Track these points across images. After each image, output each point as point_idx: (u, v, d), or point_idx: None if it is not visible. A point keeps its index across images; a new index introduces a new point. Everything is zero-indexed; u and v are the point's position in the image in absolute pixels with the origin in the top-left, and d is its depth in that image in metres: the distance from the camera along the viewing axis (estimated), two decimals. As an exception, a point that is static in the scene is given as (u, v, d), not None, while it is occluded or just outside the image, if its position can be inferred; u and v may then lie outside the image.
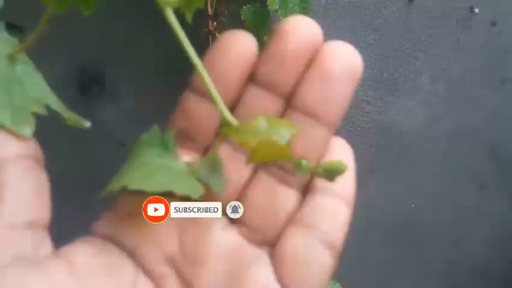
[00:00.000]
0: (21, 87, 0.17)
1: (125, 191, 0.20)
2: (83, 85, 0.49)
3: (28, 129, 0.16)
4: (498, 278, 0.63)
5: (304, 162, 0.19)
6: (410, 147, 0.58)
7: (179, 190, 0.18)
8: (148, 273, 0.19)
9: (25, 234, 0.16)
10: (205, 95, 0.21)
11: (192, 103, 0.21)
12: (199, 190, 0.19)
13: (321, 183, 0.21)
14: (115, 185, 0.18)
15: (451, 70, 0.56)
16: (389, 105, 0.56)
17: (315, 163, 0.21)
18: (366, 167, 0.57)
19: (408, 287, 0.61)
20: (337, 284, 0.43)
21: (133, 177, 0.18)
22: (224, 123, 0.20)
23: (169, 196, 0.20)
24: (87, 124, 0.19)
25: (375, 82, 0.55)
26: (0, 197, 0.16)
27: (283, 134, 0.19)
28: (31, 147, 0.17)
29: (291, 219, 0.21)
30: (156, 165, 0.20)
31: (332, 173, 0.19)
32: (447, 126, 0.58)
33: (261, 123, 0.19)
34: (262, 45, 0.21)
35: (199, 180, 0.20)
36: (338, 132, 0.23)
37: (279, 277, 0.20)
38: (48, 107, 0.17)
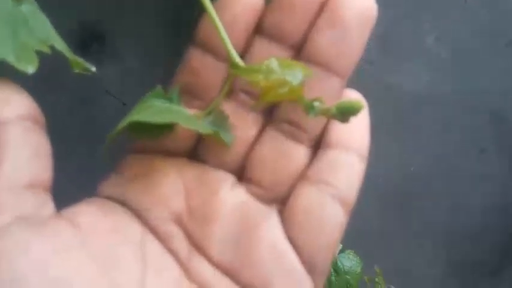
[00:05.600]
0: (26, 25, 0.16)
1: (133, 133, 0.19)
2: (82, 42, 0.48)
3: (31, 68, 0.16)
4: (496, 241, 0.64)
5: (316, 103, 0.18)
6: (412, 110, 0.57)
7: (186, 124, 0.18)
8: (156, 233, 0.19)
9: (26, 195, 0.16)
10: (211, 49, 0.20)
11: (196, 58, 0.20)
12: (207, 129, 0.19)
13: (333, 137, 0.20)
14: (117, 129, 0.18)
15: (457, 32, 0.55)
16: (392, 67, 0.55)
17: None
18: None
19: (405, 249, 0.62)
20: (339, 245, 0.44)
21: (139, 115, 0.18)
22: (232, 66, 0.19)
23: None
24: (93, 68, 0.18)
25: (379, 43, 0.54)
26: (0, 158, 0.16)
27: (296, 74, 0.18)
28: (31, 108, 0.17)
29: (302, 176, 0.20)
30: (163, 107, 0.19)
31: (346, 113, 0.18)
32: (450, 89, 0.57)
33: (273, 63, 0.18)
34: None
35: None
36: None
37: (289, 235, 0.20)
38: (52, 48, 0.17)
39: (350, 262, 0.43)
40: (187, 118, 0.19)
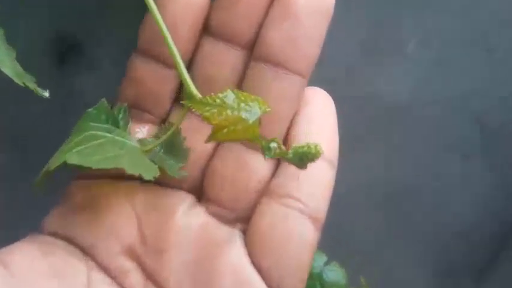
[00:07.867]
0: None
1: (73, 176, 0.18)
2: (59, 53, 0.47)
3: None
4: (483, 244, 0.64)
5: (273, 144, 0.17)
6: (395, 117, 0.57)
7: (130, 169, 0.16)
8: (106, 269, 0.18)
9: None
10: (155, 55, 0.19)
11: (140, 68, 0.19)
12: (154, 170, 0.17)
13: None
14: (51, 164, 0.16)
15: (439, 36, 0.55)
16: (374, 74, 0.55)
17: (286, 147, 0.18)
18: (352, 136, 0.57)
19: (395, 253, 0.62)
20: (323, 255, 0.42)
21: (76, 152, 0.16)
22: (186, 95, 0.18)
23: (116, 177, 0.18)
24: (46, 94, 0.17)
25: (360, 48, 0.54)
26: None
27: (253, 111, 0.17)
28: None
29: (265, 190, 0.19)
30: (104, 140, 0.17)
31: (304, 158, 0.17)
32: (432, 95, 0.57)
33: (229, 97, 0.17)
34: None
35: (154, 161, 0.18)
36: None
37: (254, 258, 0.18)
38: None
39: (335, 275, 0.43)
40: (132, 155, 0.17)
